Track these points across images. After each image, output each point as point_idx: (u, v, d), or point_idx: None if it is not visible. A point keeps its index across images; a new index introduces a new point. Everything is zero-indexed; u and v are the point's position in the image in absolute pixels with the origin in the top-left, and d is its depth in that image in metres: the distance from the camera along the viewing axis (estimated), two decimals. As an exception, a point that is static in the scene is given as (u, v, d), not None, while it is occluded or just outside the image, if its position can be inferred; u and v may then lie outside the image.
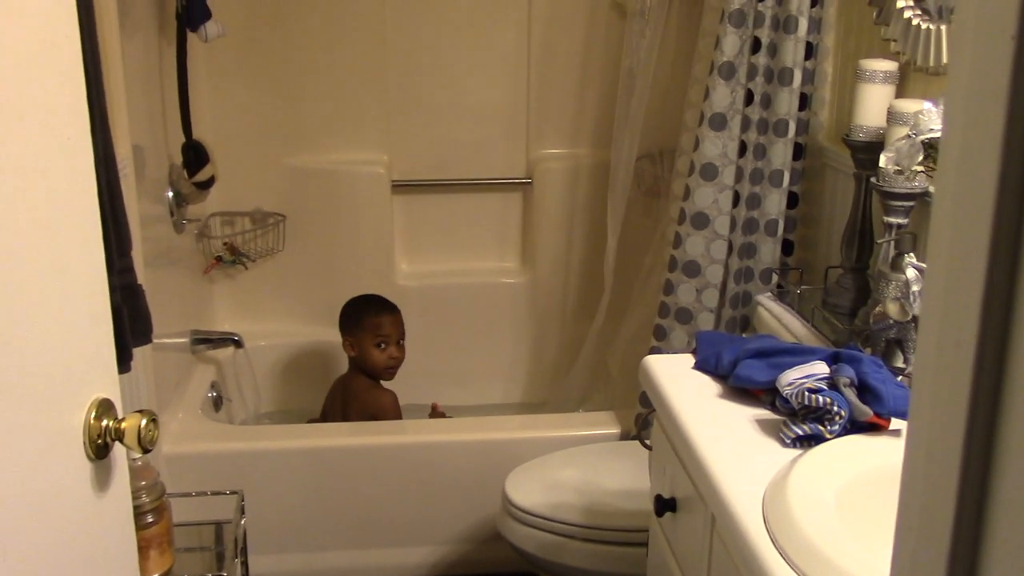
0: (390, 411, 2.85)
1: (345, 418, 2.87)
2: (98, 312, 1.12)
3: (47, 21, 1.01)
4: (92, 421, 1.06)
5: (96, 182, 1.13)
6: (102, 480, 1.11)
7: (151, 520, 1.58)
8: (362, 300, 2.97)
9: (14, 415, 0.94)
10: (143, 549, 1.54)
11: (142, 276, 1.85)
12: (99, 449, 1.08)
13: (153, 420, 1.10)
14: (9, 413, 0.93)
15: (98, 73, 1.58)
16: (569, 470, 2.34)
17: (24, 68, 0.96)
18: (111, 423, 1.08)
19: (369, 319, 2.90)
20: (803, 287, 2.25)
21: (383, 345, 2.88)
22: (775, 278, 2.38)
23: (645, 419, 1.97)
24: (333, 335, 3.06)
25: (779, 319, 2.16)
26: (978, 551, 0.50)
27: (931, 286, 0.48)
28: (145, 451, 1.10)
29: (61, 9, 1.04)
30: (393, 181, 3.29)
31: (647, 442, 1.78)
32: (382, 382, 2.92)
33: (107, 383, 1.13)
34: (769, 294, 2.32)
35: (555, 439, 2.56)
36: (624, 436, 2.59)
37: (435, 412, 3.00)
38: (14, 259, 0.93)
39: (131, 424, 1.09)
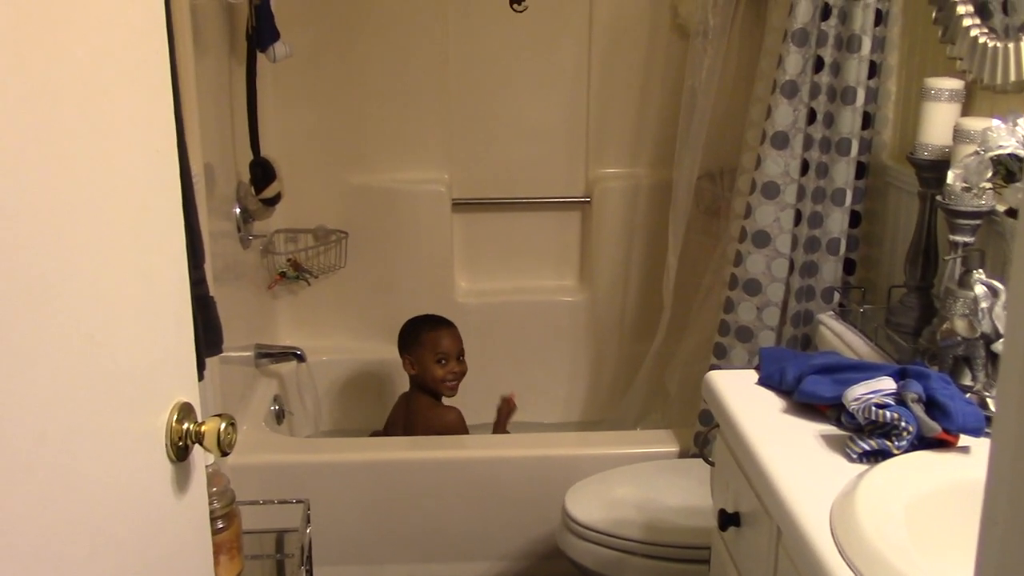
0: (456, 428, 2.86)
1: (408, 436, 2.89)
2: (181, 318, 1.15)
3: (139, 38, 1.05)
4: (174, 424, 1.09)
5: (178, 195, 1.16)
6: (182, 482, 1.14)
7: (222, 526, 1.62)
8: (419, 318, 3.00)
9: (103, 416, 0.97)
10: (214, 554, 1.57)
11: (211, 290, 1.89)
12: (180, 451, 1.10)
13: (232, 424, 1.13)
14: (98, 414, 0.96)
15: (176, 91, 1.63)
16: (628, 487, 2.34)
17: (117, 83, 1.00)
18: (192, 426, 1.11)
19: (427, 335, 2.92)
20: (866, 306, 2.24)
21: (443, 361, 2.90)
22: (837, 297, 2.37)
23: (705, 437, 1.97)
24: (393, 352, 3.09)
25: (841, 338, 2.15)
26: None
27: (1020, 274, 0.49)
28: (224, 454, 1.13)
29: (152, 26, 1.07)
30: (453, 199, 3.32)
31: (710, 459, 1.78)
32: (444, 399, 2.94)
33: (188, 387, 1.16)
34: (831, 313, 2.31)
35: (614, 456, 2.56)
36: (683, 454, 2.59)
37: (507, 404, 2.99)
38: (106, 265, 0.97)
39: (211, 427, 1.12)
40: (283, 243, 3.28)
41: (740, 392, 1.63)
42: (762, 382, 1.65)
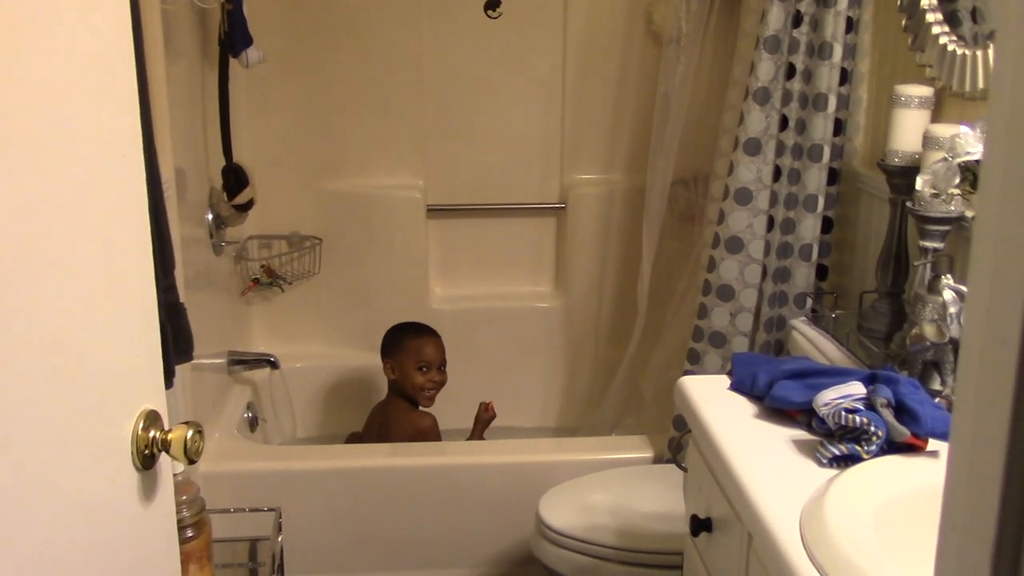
0: (429, 434, 2.87)
1: (383, 441, 2.89)
2: (147, 325, 1.14)
3: (104, 42, 1.04)
4: (140, 432, 1.08)
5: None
6: (148, 490, 1.13)
7: (191, 534, 1.60)
8: (404, 324, 3.00)
9: (67, 424, 0.96)
10: (183, 563, 1.56)
11: (182, 297, 1.88)
12: (146, 459, 1.10)
13: (199, 431, 1.12)
14: (62, 422, 0.95)
15: (145, 96, 1.62)
16: (602, 493, 2.34)
17: (82, 87, 0.99)
18: (158, 434, 1.10)
19: (411, 341, 2.92)
20: (838, 312, 2.25)
21: (424, 369, 2.90)
22: (809, 302, 2.38)
23: (679, 442, 1.98)
24: (368, 358, 3.09)
25: (814, 343, 2.16)
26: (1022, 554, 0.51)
27: (976, 286, 0.49)
28: (191, 462, 1.12)
29: (118, 32, 1.07)
30: (428, 205, 3.32)
31: (683, 464, 1.78)
32: (420, 408, 2.93)
33: (154, 395, 1.15)
34: (804, 318, 2.32)
35: (588, 462, 2.56)
36: (657, 460, 2.59)
37: (486, 411, 2.98)
38: (70, 271, 0.96)
39: (177, 435, 1.11)
40: (256, 249, 3.26)
41: (712, 397, 1.64)
42: (734, 387, 1.66)
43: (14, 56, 0.86)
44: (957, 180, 1.70)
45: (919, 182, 1.79)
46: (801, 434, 1.49)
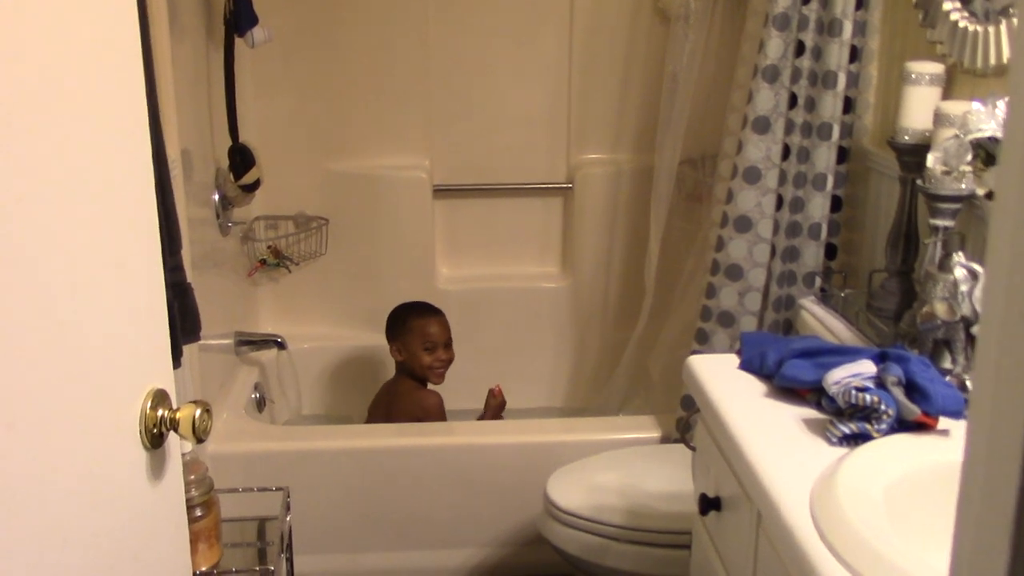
0: (434, 413, 2.87)
1: (389, 420, 2.89)
2: (155, 304, 1.14)
3: (109, 22, 1.03)
4: (148, 411, 1.08)
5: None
6: (156, 470, 1.13)
7: (200, 514, 1.61)
8: (407, 305, 3.00)
9: (74, 403, 0.96)
10: (192, 542, 1.56)
11: (190, 277, 1.88)
12: (154, 438, 1.09)
13: (207, 410, 1.12)
14: (69, 401, 0.95)
15: (150, 75, 1.61)
16: (610, 473, 2.34)
17: (88, 66, 0.98)
18: (166, 413, 1.10)
19: (415, 321, 2.92)
20: (847, 291, 2.24)
21: (431, 348, 2.90)
22: (818, 282, 2.37)
23: (687, 422, 1.97)
24: (374, 339, 3.08)
25: (823, 322, 2.15)
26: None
27: (995, 258, 0.49)
28: (199, 441, 1.12)
29: (123, 11, 1.06)
30: (435, 186, 3.31)
31: (691, 444, 1.78)
32: (429, 385, 2.94)
33: (162, 374, 1.15)
34: (812, 298, 2.31)
35: (596, 442, 2.56)
36: (665, 440, 2.59)
37: (495, 397, 2.98)
38: (77, 250, 0.96)
39: (186, 414, 1.11)
40: (263, 230, 3.26)
41: (721, 377, 1.63)
42: (743, 366, 1.65)
43: (19, 35, 0.85)
44: (969, 157, 1.68)
45: (930, 160, 1.77)
46: (811, 413, 1.49)
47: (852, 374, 1.43)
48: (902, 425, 1.39)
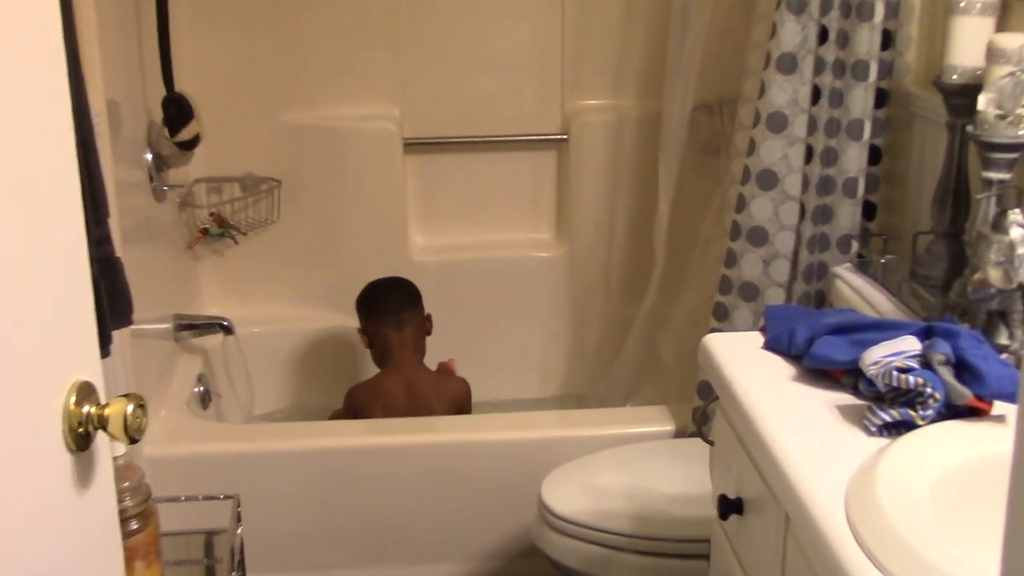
0: (468, 401, 2.99)
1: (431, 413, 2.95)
2: (77, 283, 1.14)
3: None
4: (72, 407, 1.08)
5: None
6: (84, 475, 1.13)
7: (136, 527, 1.61)
8: (369, 286, 3.04)
9: (-16, 399, 0.96)
10: (127, 560, 1.56)
11: (119, 250, 1.88)
12: (80, 439, 1.10)
13: (141, 406, 1.12)
14: (-22, 396, 0.95)
15: (69, 16, 1.61)
16: (615, 473, 2.35)
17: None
18: (93, 409, 1.10)
19: (377, 301, 2.95)
20: (888, 256, 2.25)
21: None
22: (855, 246, 2.38)
23: (704, 412, 1.98)
24: (337, 320, 3.09)
25: (860, 293, 2.17)
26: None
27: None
28: (133, 441, 1.12)
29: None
30: (405, 139, 3.31)
31: (709, 438, 1.79)
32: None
33: (88, 364, 1.15)
34: (848, 265, 2.32)
35: (599, 438, 2.58)
36: (679, 433, 2.60)
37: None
38: (-16, 219, 0.96)
39: (116, 410, 1.11)
40: (205, 194, 3.26)
41: (742, 358, 1.64)
42: (768, 346, 1.66)
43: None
44: (1028, 98, 1.69)
45: (982, 102, 1.78)
46: (847, 398, 1.50)
47: (894, 353, 1.44)
48: (951, 411, 1.40)
